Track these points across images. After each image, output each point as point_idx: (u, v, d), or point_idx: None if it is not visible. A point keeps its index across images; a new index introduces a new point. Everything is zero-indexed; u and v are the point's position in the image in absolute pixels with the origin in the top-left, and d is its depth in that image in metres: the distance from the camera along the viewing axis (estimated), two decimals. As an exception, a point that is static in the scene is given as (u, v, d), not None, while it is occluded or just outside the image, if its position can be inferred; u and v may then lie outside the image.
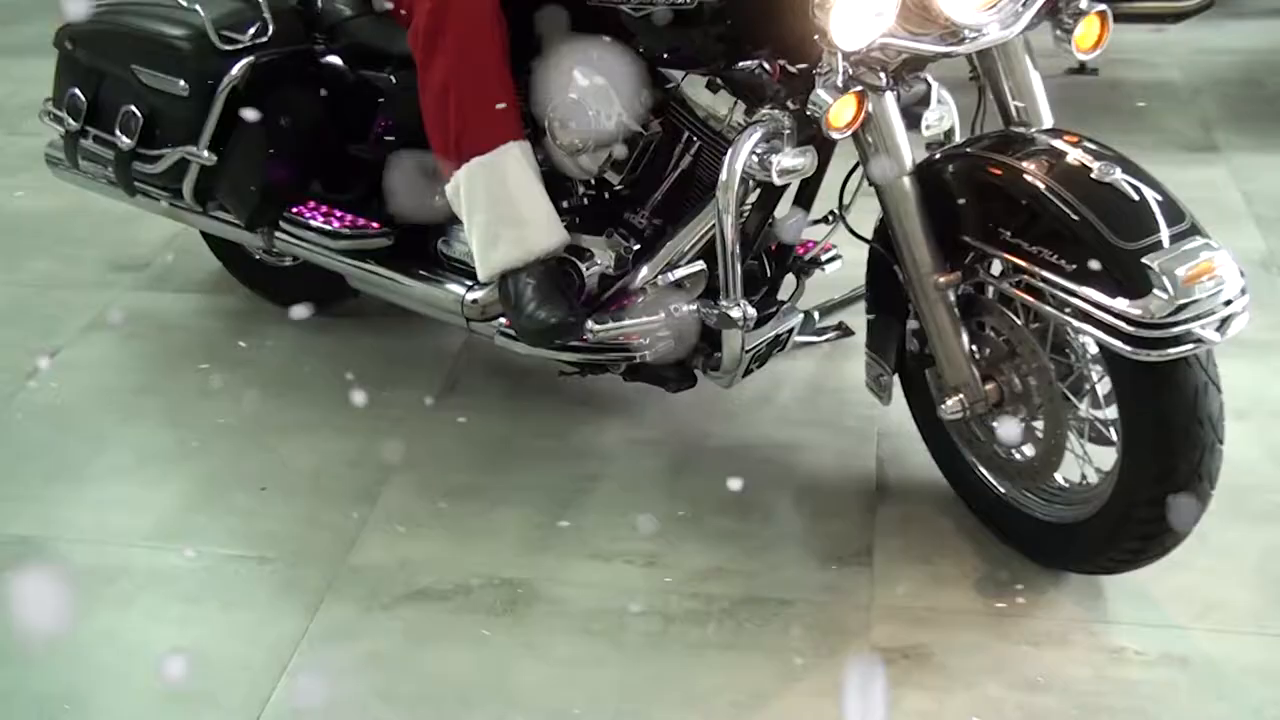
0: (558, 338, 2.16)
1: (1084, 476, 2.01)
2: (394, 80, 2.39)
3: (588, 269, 2.21)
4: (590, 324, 2.14)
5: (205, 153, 2.46)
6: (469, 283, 2.33)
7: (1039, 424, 1.95)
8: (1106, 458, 1.91)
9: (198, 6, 2.43)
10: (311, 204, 2.52)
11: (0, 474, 2.45)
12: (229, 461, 2.45)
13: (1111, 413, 1.86)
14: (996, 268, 1.92)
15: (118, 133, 2.57)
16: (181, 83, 2.44)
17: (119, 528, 2.27)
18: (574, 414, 2.54)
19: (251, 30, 2.41)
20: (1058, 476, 2.01)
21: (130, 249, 3.29)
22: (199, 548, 2.21)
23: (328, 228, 2.48)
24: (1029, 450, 1.99)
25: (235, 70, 2.39)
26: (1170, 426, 1.74)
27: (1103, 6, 1.92)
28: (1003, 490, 2.09)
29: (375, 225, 2.47)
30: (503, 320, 2.27)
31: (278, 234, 2.55)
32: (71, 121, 2.68)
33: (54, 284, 3.16)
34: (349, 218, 2.49)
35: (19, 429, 2.60)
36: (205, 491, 2.37)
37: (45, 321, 2.98)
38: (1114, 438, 1.86)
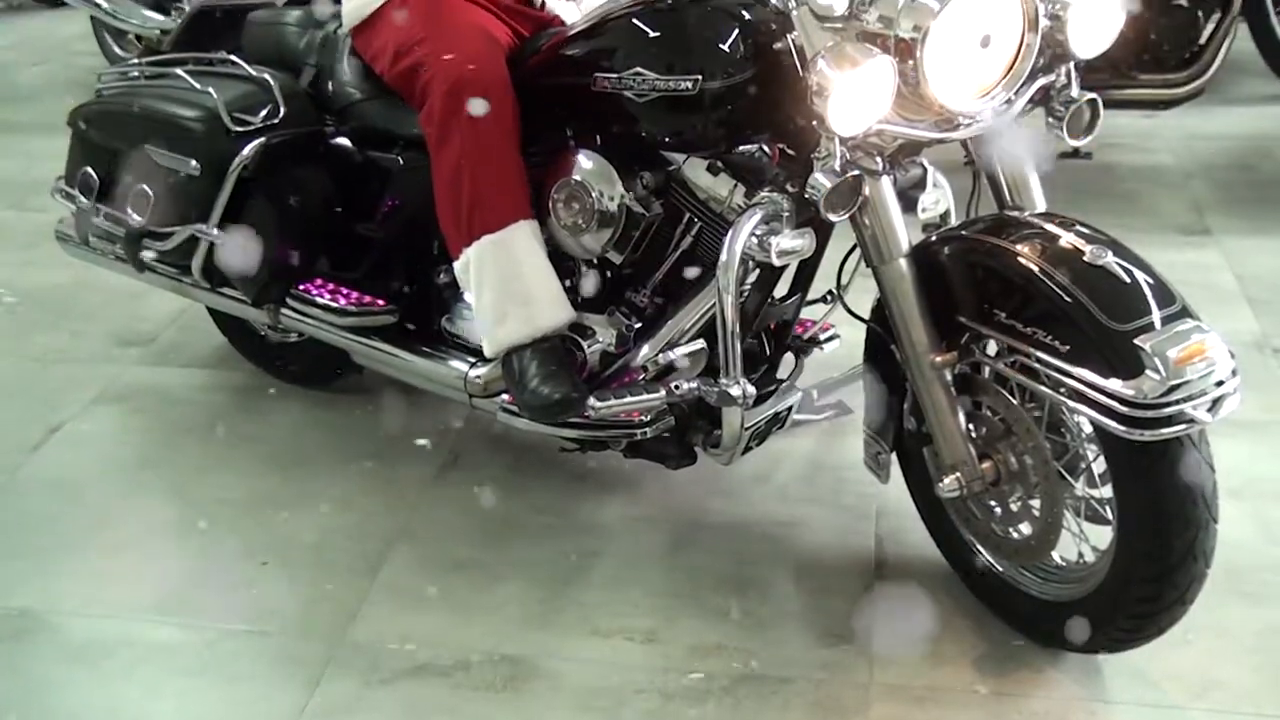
0: (560, 414, 2.18)
1: (1081, 555, 2.02)
2: (401, 161, 2.45)
3: (590, 346, 2.25)
4: (592, 401, 2.16)
5: (215, 231, 2.51)
6: (472, 359, 2.36)
7: (1035, 503, 1.97)
8: (1103, 536, 1.93)
9: (211, 89, 2.50)
10: (318, 281, 2.56)
11: (2, 545, 2.46)
12: (231, 535, 2.46)
13: (1107, 491, 1.89)
14: (992, 348, 1.94)
15: (129, 210, 2.62)
16: (194, 162, 2.49)
17: (120, 600, 2.28)
18: (575, 490, 2.55)
19: (263, 112, 2.47)
20: (1055, 555, 2.03)
21: (136, 324, 3.32)
22: (200, 621, 2.22)
23: (334, 304, 2.51)
24: (1026, 529, 2.01)
25: (247, 151, 2.44)
26: (1165, 505, 1.76)
27: (1093, 95, 1.97)
28: (1001, 568, 2.10)
29: (380, 302, 2.51)
30: (505, 396, 2.29)
31: (284, 310, 2.58)
32: (83, 199, 2.73)
33: (60, 358, 3.19)
34: (354, 294, 2.53)
35: (24, 501, 2.61)
36: (207, 565, 2.38)
37: (51, 395, 3.00)
38: (1110, 516, 1.88)
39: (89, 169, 2.72)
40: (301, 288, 2.55)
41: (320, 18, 2.60)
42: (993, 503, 2.02)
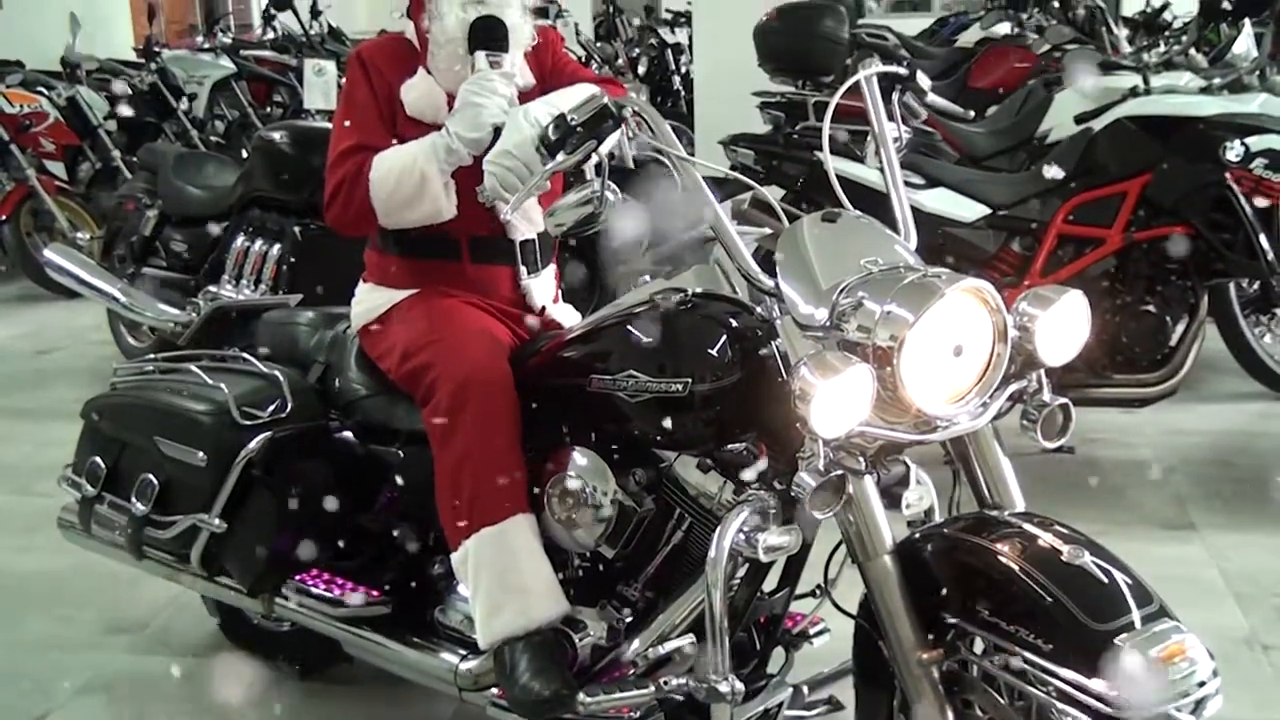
0: (551, 711, 2.18)
1: None
2: (402, 454, 2.53)
3: (581, 640, 2.26)
4: (582, 697, 2.16)
5: (216, 521, 2.56)
6: (463, 652, 2.38)
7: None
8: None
9: (222, 384, 2.60)
10: (314, 571, 2.60)
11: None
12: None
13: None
14: (979, 645, 1.96)
15: (133, 499, 2.68)
16: (201, 454, 2.57)
17: None
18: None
19: (271, 407, 2.57)
20: None
21: (128, 610, 3.32)
22: None
23: (328, 595, 2.54)
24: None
25: (253, 444, 2.53)
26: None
27: (1064, 400, 2.06)
28: None
29: (375, 593, 2.54)
30: (495, 691, 2.29)
31: (279, 600, 2.61)
32: (89, 487, 2.80)
33: (49, 645, 3.18)
34: (349, 585, 2.56)
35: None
36: None
37: (40, 683, 2.97)
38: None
39: (97, 458, 2.80)
40: (298, 578, 2.58)
41: (330, 319, 2.74)
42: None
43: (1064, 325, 2.01)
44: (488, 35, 2.39)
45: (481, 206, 2.36)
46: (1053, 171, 4.05)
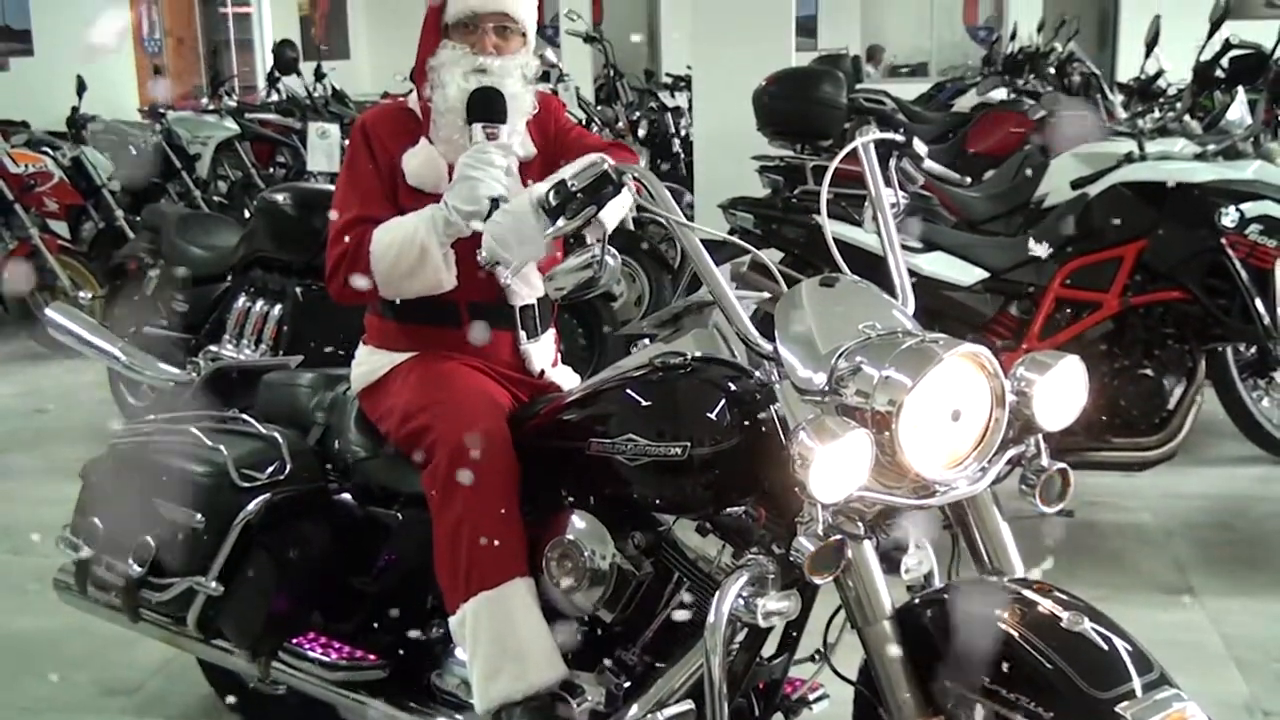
0: (548, 776, 2.16)
1: None
2: (400, 517, 2.53)
3: (579, 705, 2.25)
4: (580, 761, 2.15)
5: (213, 583, 2.55)
6: (460, 717, 2.37)
7: None
8: None
9: (221, 446, 2.61)
10: (310, 634, 2.58)
11: None
12: None
13: None
14: (979, 713, 1.94)
15: (130, 561, 2.67)
16: (199, 516, 2.57)
17: None
18: None
19: (270, 469, 2.57)
20: None
21: (123, 672, 3.30)
22: None
23: (325, 659, 2.53)
24: None
25: (251, 506, 2.52)
26: None
27: (1063, 465, 2.07)
28: None
29: (372, 657, 2.52)
30: (492, 756, 2.28)
31: (275, 663, 2.59)
32: (86, 549, 2.79)
33: (45, 707, 3.16)
34: (346, 649, 2.55)
35: None
36: None
37: (30, 748, 2.96)
38: None
39: (95, 519, 2.79)
40: (294, 641, 2.56)
41: (331, 380, 2.75)
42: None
43: (1062, 390, 2.02)
44: (485, 107, 2.41)
45: (481, 272, 2.38)
46: (1039, 249, 4.09)
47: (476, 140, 2.40)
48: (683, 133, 8.52)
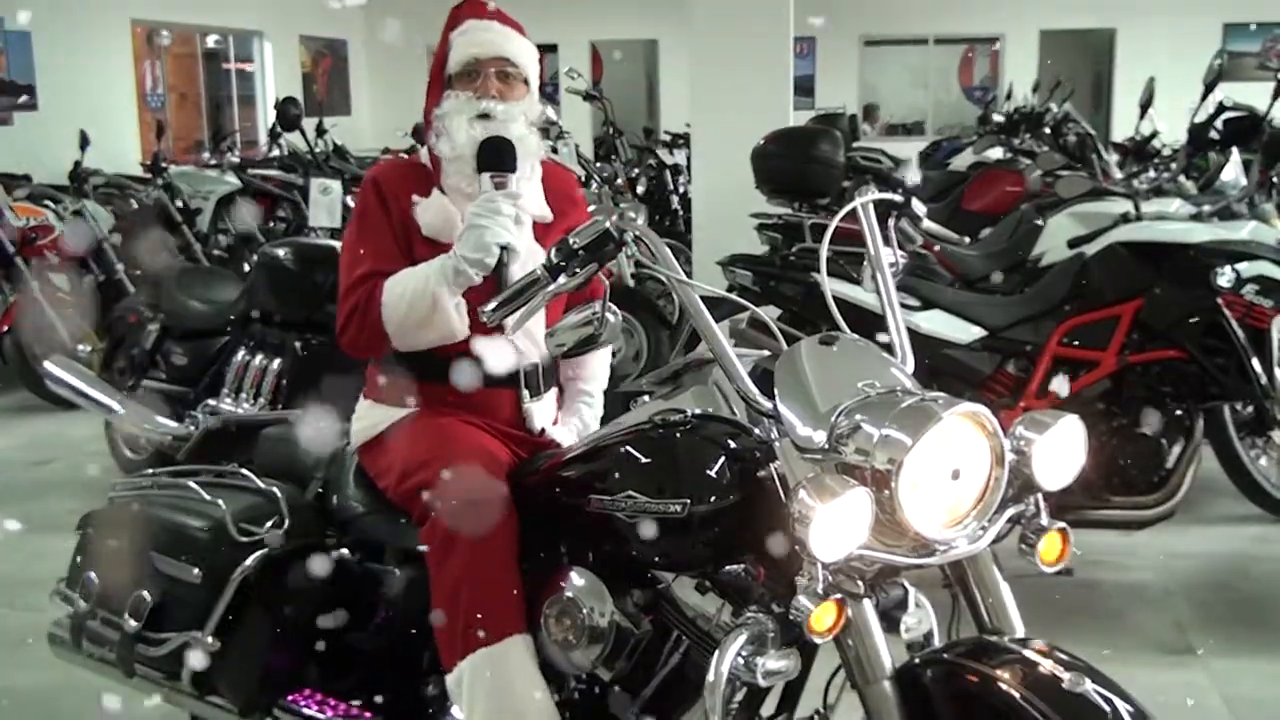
0: (544, 837, 2.14)
1: None
2: (397, 573, 2.52)
3: (577, 764, 2.23)
4: (577, 822, 2.13)
5: (209, 639, 2.54)
6: (454, 775, 2.34)
7: None
8: None
9: (220, 500, 2.60)
10: (306, 691, 2.56)
11: None
12: None
13: None
14: (980, 774, 1.94)
15: (125, 615, 2.66)
16: (196, 571, 2.56)
17: None
18: None
19: (269, 524, 2.56)
20: None
21: (116, 729, 3.27)
22: None
23: (320, 716, 2.50)
24: None
25: (249, 562, 2.52)
26: None
27: (1062, 525, 2.06)
28: None
29: (368, 715, 2.50)
30: (488, 816, 2.25)
31: (269, 720, 2.57)
32: (82, 603, 2.77)
33: (35, 765, 3.13)
34: (341, 706, 2.53)
35: None
36: None
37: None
38: None
39: (91, 573, 2.78)
40: (289, 698, 2.55)
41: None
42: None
43: (1061, 449, 2.02)
44: (493, 156, 2.44)
45: (485, 328, 2.39)
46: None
47: (485, 189, 2.43)
48: (681, 190, 8.58)
